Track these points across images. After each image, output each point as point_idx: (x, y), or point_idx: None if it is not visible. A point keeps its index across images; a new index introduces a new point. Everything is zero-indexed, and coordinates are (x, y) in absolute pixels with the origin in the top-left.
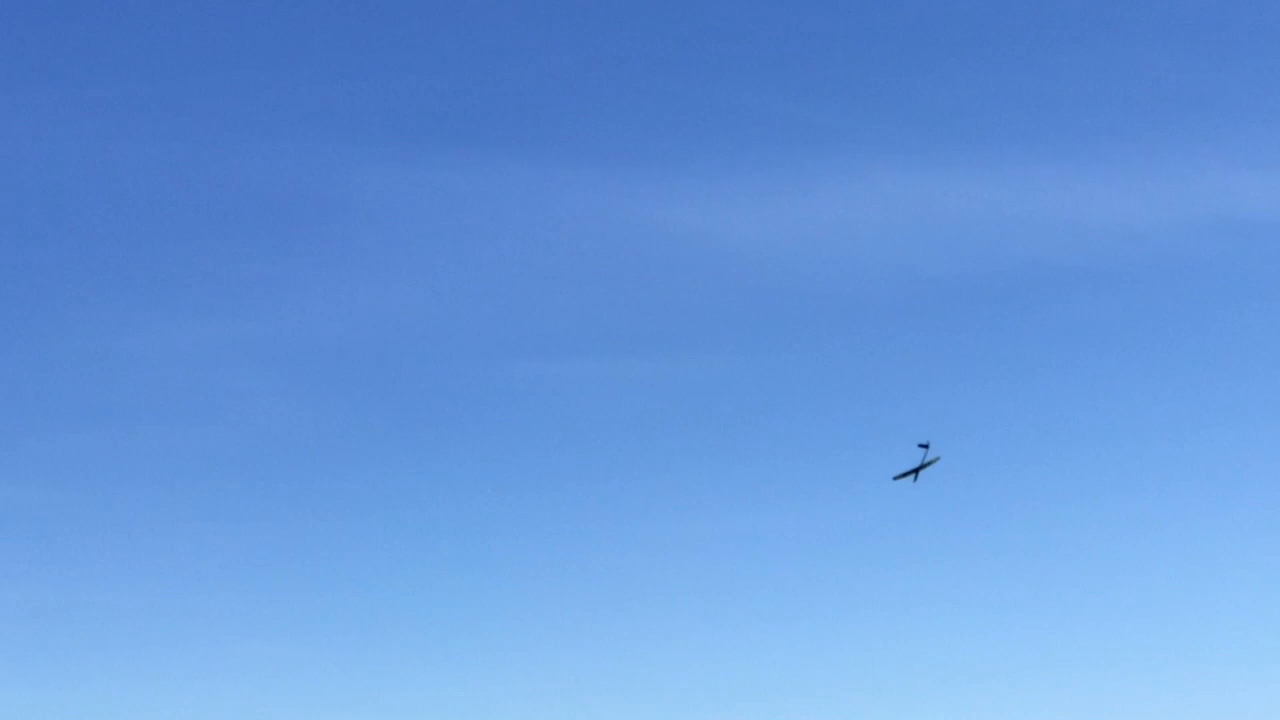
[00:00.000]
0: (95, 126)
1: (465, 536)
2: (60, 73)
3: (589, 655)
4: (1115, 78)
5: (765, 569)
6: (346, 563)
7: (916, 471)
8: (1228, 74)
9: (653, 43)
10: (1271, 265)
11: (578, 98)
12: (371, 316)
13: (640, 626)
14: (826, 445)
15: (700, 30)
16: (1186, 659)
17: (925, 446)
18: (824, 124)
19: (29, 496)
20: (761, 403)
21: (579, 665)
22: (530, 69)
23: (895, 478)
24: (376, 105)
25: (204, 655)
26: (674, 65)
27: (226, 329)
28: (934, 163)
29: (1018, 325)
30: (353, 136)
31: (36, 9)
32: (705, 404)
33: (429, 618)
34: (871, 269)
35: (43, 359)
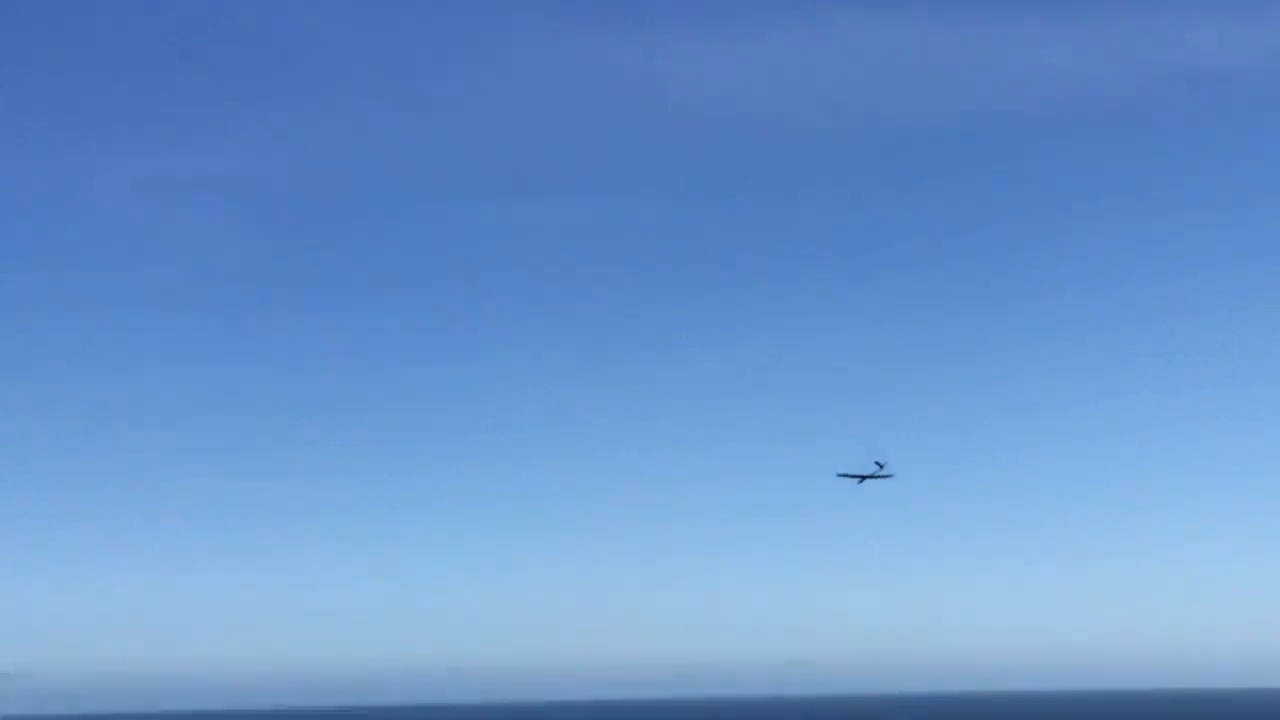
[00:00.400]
0: None
1: (412, 370)
2: None
3: (532, 486)
4: None
5: (718, 409)
6: (298, 395)
7: (863, 478)
8: None
9: None
10: (1230, 116)
11: None
12: (319, 154)
13: (578, 463)
14: (778, 287)
15: None
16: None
17: (880, 465)
18: None
19: None
20: (714, 245)
21: (517, 500)
22: None
23: (840, 475)
24: None
25: (160, 490)
26: None
27: (174, 165)
28: (890, 12)
29: (975, 174)
30: None
31: None
32: (655, 246)
33: (373, 448)
34: (827, 116)
35: None
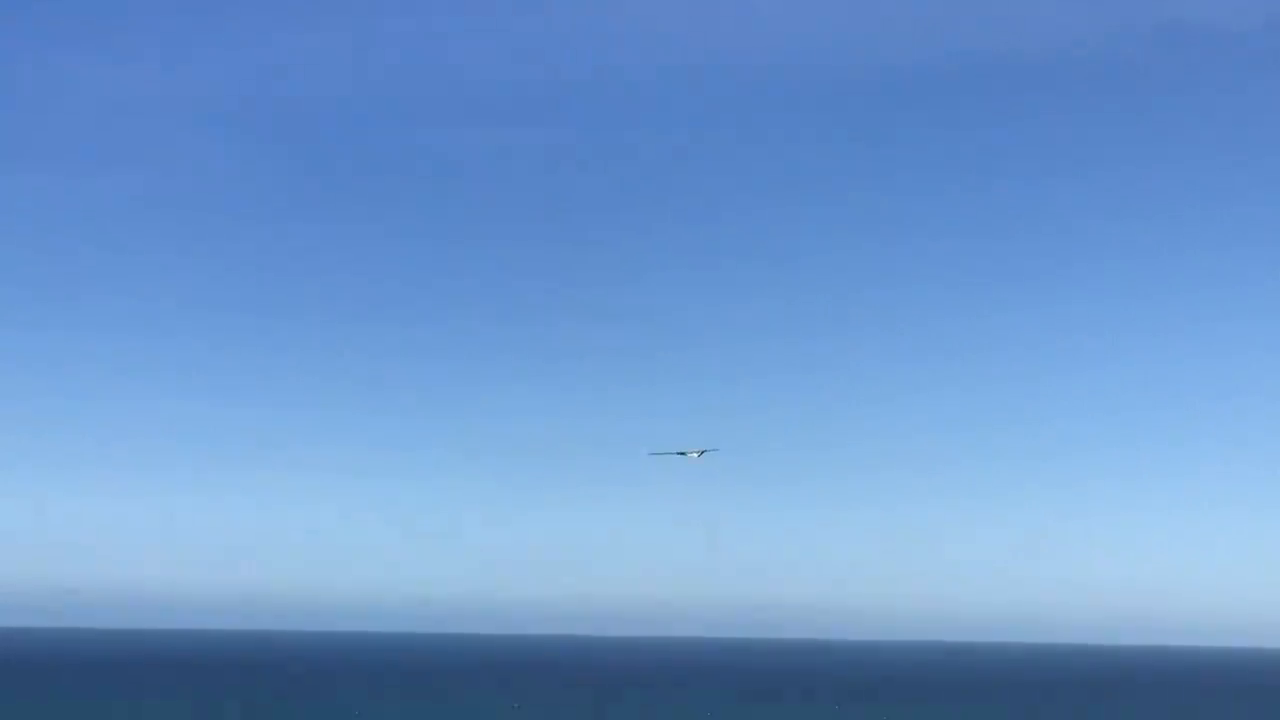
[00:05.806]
0: None
1: (376, 278)
2: None
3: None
4: None
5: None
6: (271, 300)
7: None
8: None
9: None
10: (1217, 73)
11: None
12: (299, 71)
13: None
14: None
15: None
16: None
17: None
18: None
19: None
20: (692, 176)
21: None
22: None
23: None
24: None
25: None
26: None
27: (162, 76)
28: None
29: (962, 117)
30: None
31: None
32: (629, 173)
33: (323, 366)
34: (827, 54)
35: None
